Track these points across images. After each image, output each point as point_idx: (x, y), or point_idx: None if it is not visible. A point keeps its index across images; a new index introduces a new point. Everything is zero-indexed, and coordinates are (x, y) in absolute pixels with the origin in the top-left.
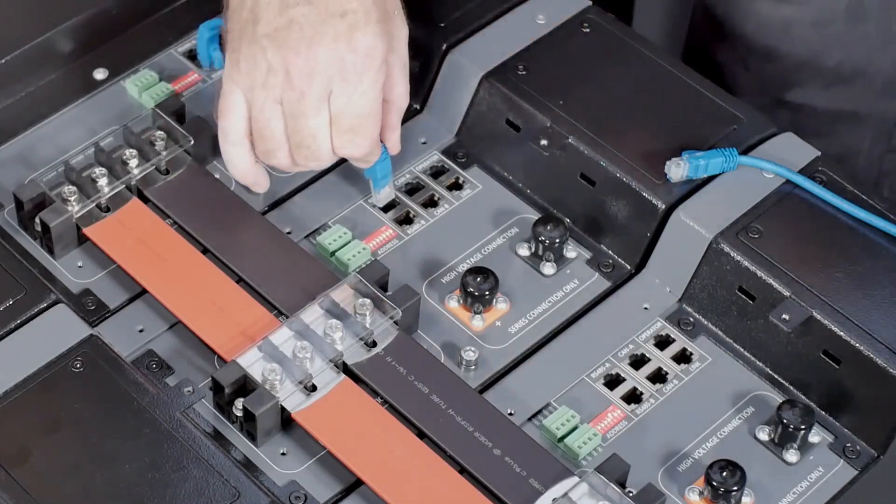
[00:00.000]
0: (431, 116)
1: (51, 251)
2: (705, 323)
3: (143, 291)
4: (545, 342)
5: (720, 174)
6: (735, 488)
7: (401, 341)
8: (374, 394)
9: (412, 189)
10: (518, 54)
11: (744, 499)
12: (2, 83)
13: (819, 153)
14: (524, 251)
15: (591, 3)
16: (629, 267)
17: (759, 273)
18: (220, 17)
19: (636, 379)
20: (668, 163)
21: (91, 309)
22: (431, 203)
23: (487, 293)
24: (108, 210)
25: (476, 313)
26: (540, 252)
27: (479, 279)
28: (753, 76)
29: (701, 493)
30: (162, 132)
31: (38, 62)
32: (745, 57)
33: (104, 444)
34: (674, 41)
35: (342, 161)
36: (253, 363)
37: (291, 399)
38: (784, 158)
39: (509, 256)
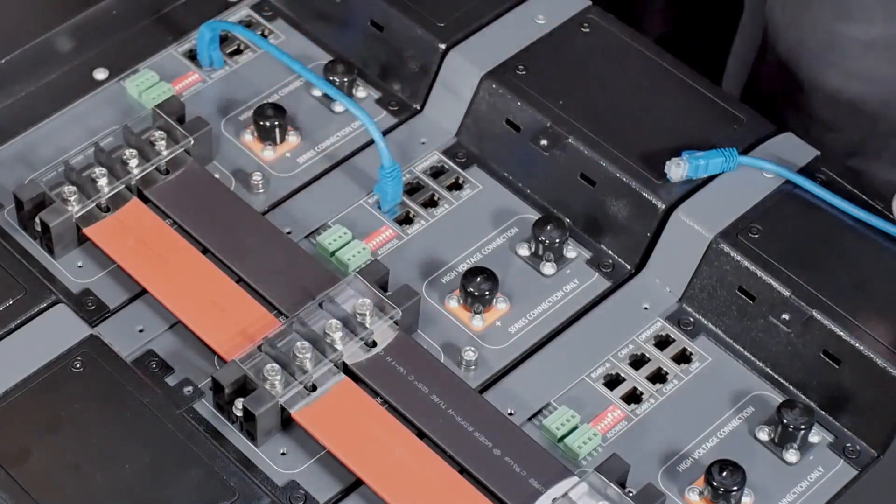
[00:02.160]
0: (431, 116)
1: (51, 251)
2: (705, 323)
3: (143, 291)
4: (545, 342)
5: (720, 174)
6: (735, 488)
7: (401, 341)
8: (374, 394)
9: (412, 189)
10: (518, 54)
11: (744, 499)
12: (2, 83)
13: (819, 153)
14: (524, 251)
15: (591, 3)
16: (629, 267)
17: (759, 273)
18: (220, 17)
19: (636, 379)
20: (668, 163)
21: (91, 309)
22: (431, 203)
23: (487, 293)
24: (108, 210)
25: (476, 313)
26: (540, 252)
27: (479, 279)
28: (813, 142)
29: (701, 493)
30: (162, 132)
31: (38, 62)
32: (806, 123)
33: (104, 444)
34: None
35: (342, 160)
36: (253, 363)
37: (291, 399)
38: (784, 158)
39: (509, 256)
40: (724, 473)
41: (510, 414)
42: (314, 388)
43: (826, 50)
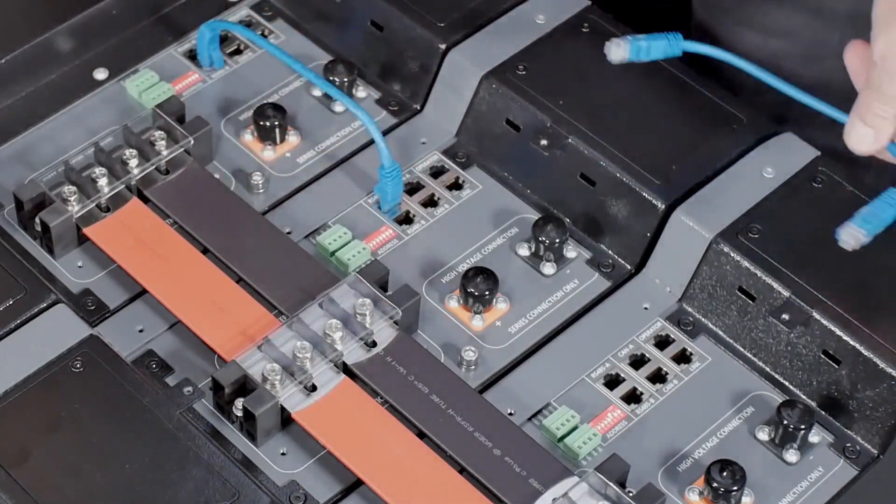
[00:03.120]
0: (431, 116)
1: (51, 251)
2: (705, 323)
3: (143, 291)
4: (545, 342)
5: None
6: (735, 488)
7: (401, 341)
8: (374, 394)
9: (412, 189)
10: (518, 54)
11: (744, 499)
12: (2, 83)
13: (819, 153)
14: (524, 251)
15: (590, 2)
16: (629, 267)
17: (759, 273)
18: (220, 17)
19: (636, 379)
20: (607, 43)
21: (91, 309)
22: (431, 203)
23: (487, 293)
24: (108, 210)
25: (476, 313)
26: (540, 252)
27: (479, 279)
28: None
29: (701, 493)
30: (162, 132)
31: (38, 62)
32: (735, 88)
33: (104, 444)
34: None
35: (342, 160)
36: (253, 363)
37: (291, 399)
38: (784, 158)
39: (509, 256)
40: (724, 473)
41: (510, 414)
42: (314, 388)
43: (741, 5)
